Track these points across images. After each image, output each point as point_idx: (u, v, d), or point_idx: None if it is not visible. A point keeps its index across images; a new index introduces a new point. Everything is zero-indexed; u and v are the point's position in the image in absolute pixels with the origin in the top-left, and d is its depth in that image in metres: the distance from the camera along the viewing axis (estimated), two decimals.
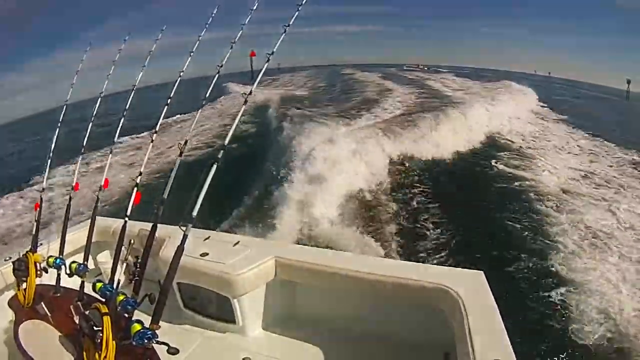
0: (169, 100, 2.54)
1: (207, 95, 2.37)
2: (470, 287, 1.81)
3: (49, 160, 2.72)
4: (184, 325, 2.33)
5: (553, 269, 5.34)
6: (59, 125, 2.94)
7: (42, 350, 1.81)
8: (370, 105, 16.50)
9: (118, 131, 2.63)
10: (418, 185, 8.78)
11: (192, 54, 2.56)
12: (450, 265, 2.35)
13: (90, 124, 2.79)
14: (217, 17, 2.61)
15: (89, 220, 2.48)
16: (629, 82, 40.37)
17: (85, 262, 2.19)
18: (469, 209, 7.50)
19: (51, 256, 2.24)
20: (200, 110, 2.32)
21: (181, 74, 2.54)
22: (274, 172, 8.50)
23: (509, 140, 12.37)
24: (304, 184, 7.59)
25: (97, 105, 2.87)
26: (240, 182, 8.46)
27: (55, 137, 2.87)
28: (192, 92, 3.60)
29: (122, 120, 2.70)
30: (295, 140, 9.58)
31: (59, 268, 2.21)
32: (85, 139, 2.72)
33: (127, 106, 2.75)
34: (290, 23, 2.16)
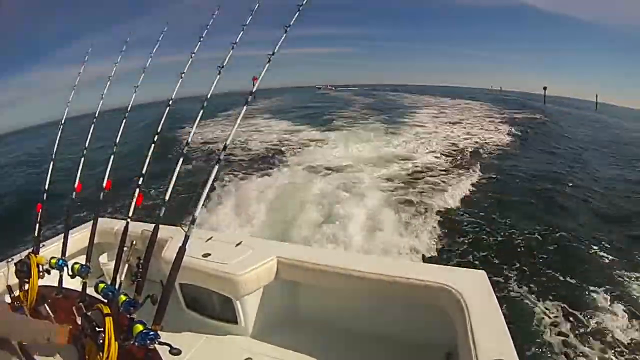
0: (170, 102, 2.56)
1: (209, 96, 2.37)
2: (472, 287, 1.81)
3: (51, 162, 2.73)
4: (186, 326, 2.32)
5: (555, 268, 5.34)
6: (60, 128, 2.96)
7: (45, 352, 1.81)
8: None
9: (120, 133, 2.64)
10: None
11: (193, 55, 2.57)
12: (452, 265, 2.34)
13: (93, 126, 2.81)
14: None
15: (91, 222, 2.48)
16: (545, 88, 50.71)
17: (88, 263, 2.20)
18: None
19: (53, 257, 2.24)
20: (201, 112, 2.32)
21: (182, 75, 2.54)
22: None
23: None
24: None
25: (99, 108, 2.89)
26: None
27: (57, 140, 2.89)
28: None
29: (124, 122, 2.71)
30: None
31: (61, 269, 2.21)
32: (87, 141, 2.73)
33: (129, 107, 2.76)
34: (291, 23, 2.16)
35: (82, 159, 2.65)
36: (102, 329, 1.51)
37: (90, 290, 2.07)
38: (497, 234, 6.50)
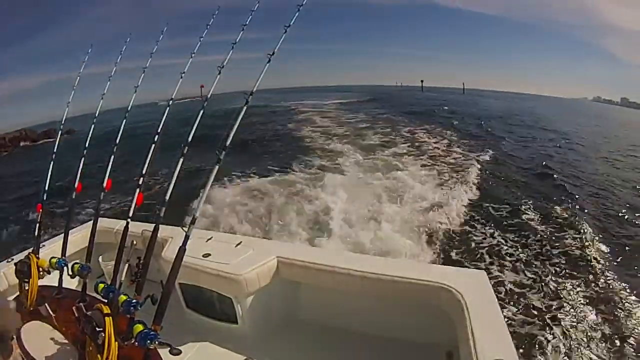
0: (170, 102, 2.56)
1: (209, 96, 2.37)
2: (472, 287, 1.81)
3: (52, 163, 2.73)
4: (186, 326, 2.33)
5: (556, 267, 5.34)
6: (60, 129, 2.97)
7: (45, 352, 1.81)
8: None
9: (120, 132, 2.64)
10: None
11: (193, 55, 2.57)
12: (452, 265, 2.35)
13: (93, 126, 2.81)
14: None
15: (91, 221, 2.48)
16: (422, 81, 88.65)
17: (88, 263, 2.19)
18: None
19: (54, 257, 2.24)
20: (202, 112, 2.32)
21: (182, 75, 2.54)
22: None
23: None
24: None
25: (99, 108, 2.89)
26: None
27: (57, 142, 2.90)
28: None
29: (124, 122, 2.71)
30: None
31: (61, 269, 2.20)
32: (88, 141, 2.73)
33: (130, 107, 2.76)
34: (291, 23, 2.16)
35: (82, 159, 2.65)
36: (102, 329, 1.50)
37: (90, 290, 2.07)
38: (497, 233, 6.50)
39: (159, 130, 2.43)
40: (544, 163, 12.12)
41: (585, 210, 7.67)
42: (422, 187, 8.63)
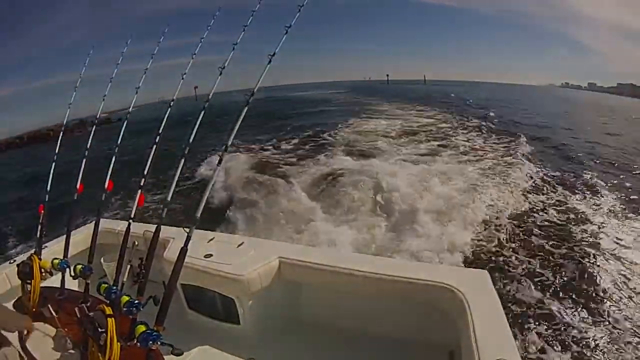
0: (171, 103, 2.56)
1: (210, 97, 2.38)
2: (474, 287, 1.81)
3: (54, 163, 2.74)
4: (188, 327, 2.33)
5: (557, 267, 5.33)
6: (62, 129, 2.97)
7: (48, 353, 1.81)
8: None
9: (121, 133, 2.65)
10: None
11: (194, 56, 2.57)
12: (454, 265, 2.35)
13: (95, 127, 2.82)
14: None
15: (93, 222, 2.49)
16: (387, 75, 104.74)
17: (90, 264, 2.20)
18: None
19: (56, 258, 2.24)
20: (202, 113, 2.32)
21: (184, 76, 2.54)
22: None
23: None
24: None
25: (100, 110, 2.90)
26: None
27: (58, 142, 2.91)
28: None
29: (125, 123, 2.72)
30: None
31: (63, 270, 2.21)
32: (89, 141, 2.74)
33: (131, 109, 2.77)
34: (292, 24, 2.16)
35: (84, 160, 2.66)
36: (104, 330, 1.51)
37: (92, 291, 2.07)
38: (499, 232, 6.49)
39: (160, 131, 2.44)
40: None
41: (588, 207, 7.63)
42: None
